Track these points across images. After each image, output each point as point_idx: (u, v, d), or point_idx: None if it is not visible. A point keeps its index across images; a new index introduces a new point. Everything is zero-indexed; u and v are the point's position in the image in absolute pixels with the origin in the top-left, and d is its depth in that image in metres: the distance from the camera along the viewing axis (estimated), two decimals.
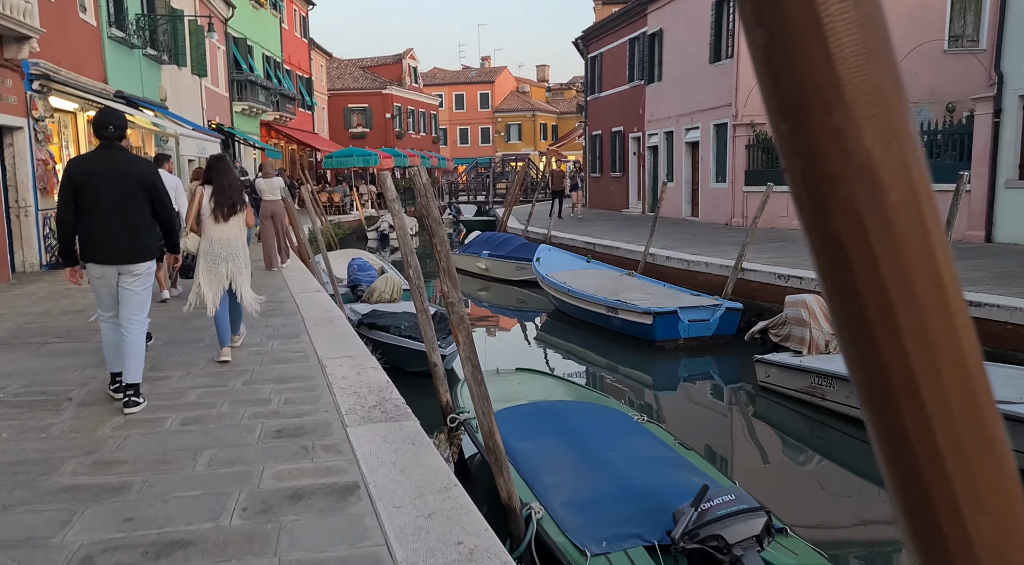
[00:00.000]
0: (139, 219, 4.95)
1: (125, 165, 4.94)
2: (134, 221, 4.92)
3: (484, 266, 18.24)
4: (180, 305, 8.49)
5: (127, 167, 4.93)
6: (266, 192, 12.55)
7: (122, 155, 5.02)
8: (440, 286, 4.10)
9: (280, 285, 10.70)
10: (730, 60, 19.27)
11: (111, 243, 4.86)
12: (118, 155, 4.98)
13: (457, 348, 4.20)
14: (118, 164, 4.91)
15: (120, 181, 4.87)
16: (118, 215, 4.86)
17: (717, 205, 20.07)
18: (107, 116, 5.06)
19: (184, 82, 21.83)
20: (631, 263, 14.46)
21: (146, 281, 5.07)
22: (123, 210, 4.87)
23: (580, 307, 12.16)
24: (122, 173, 4.89)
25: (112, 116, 5.09)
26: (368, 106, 46.28)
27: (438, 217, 4.07)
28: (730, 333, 10.63)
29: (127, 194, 4.89)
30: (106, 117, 5.04)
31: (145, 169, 5.06)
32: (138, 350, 4.93)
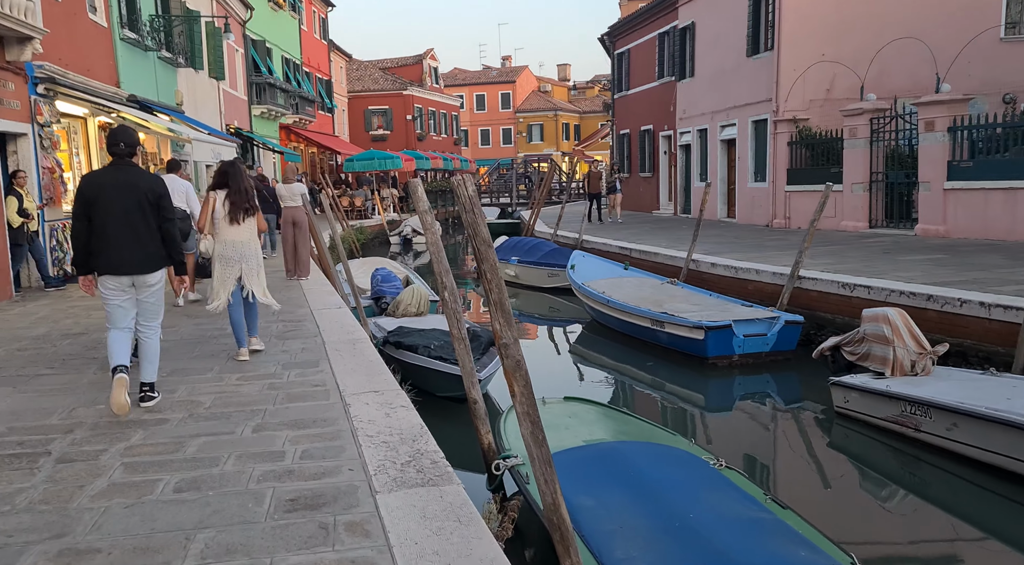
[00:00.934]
0: (147, 231, 5.17)
1: (133, 180, 5.17)
2: (143, 233, 5.15)
3: (513, 272, 17.40)
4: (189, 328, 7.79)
5: (134, 181, 5.16)
6: (287, 198, 11.81)
7: (131, 170, 5.24)
8: (492, 323, 3.24)
9: (299, 300, 9.92)
10: (770, 53, 18.28)
11: (122, 254, 5.09)
12: (127, 170, 5.21)
13: (512, 399, 3.35)
14: (126, 179, 5.15)
15: (128, 195, 5.11)
16: (127, 228, 5.10)
17: (756, 206, 19.07)
18: (118, 133, 5.30)
19: (201, 86, 21.20)
20: (671, 270, 13.55)
21: (158, 290, 5.35)
22: (132, 223, 5.11)
23: (621, 319, 11.27)
24: (130, 187, 5.12)
25: (122, 133, 5.32)
26: (389, 108, 45.65)
27: (488, 238, 3.23)
28: (790, 349, 9.69)
29: (134, 208, 5.12)
30: (117, 134, 5.29)
31: (151, 183, 5.28)
32: (154, 354, 5.33)
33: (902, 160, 15.09)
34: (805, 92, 17.63)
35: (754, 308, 10.41)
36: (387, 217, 30.89)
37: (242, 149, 24.72)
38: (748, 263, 11.84)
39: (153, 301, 5.31)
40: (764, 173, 18.75)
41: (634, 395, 9.75)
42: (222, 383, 5.83)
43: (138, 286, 5.19)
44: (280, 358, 6.64)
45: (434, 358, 8.32)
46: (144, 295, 5.24)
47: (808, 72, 17.49)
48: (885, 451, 6.72)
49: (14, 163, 11.31)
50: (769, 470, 6.94)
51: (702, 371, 9.60)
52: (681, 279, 12.73)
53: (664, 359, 10.26)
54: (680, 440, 5.64)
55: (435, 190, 38.80)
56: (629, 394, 9.84)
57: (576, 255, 14.42)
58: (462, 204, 3.24)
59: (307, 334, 7.67)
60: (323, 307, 9.31)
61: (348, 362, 6.40)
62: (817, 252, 12.79)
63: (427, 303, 11.91)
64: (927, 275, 9.79)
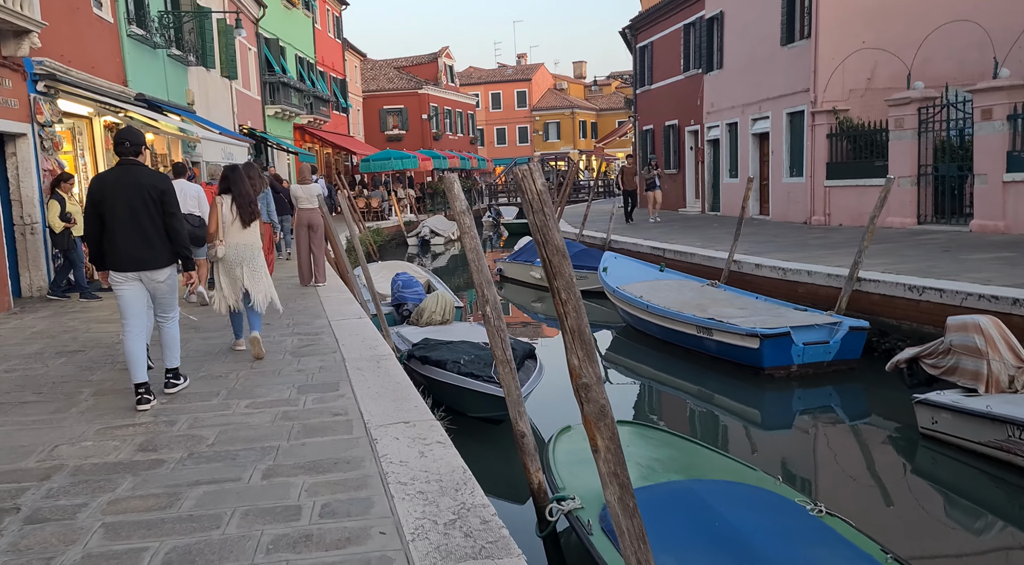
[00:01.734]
0: (153, 229, 5.29)
1: (137, 178, 5.28)
2: (149, 231, 5.27)
3: (539, 275, 16.58)
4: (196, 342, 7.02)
5: (138, 180, 5.28)
6: (303, 199, 11.08)
7: (136, 169, 5.35)
8: (568, 357, 2.45)
9: (316, 309, 9.17)
10: (806, 41, 17.37)
11: (130, 252, 5.23)
12: (132, 169, 5.33)
13: (595, 456, 2.55)
14: (131, 178, 5.27)
15: (133, 194, 5.22)
16: (134, 226, 5.22)
17: (792, 202, 18.15)
18: (123, 134, 5.44)
19: (213, 85, 20.55)
20: (709, 272, 12.70)
21: (170, 283, 5.46)
22: (138, 221, 5.23)
23: (662, 326, 10.45)
24: (134, 186, 5.24)
25: (128, 133, 5.46)
26: (404, 107, 44.96)
27: (561, 246, 2.45)
28: (853, 357, 8.83)
29: (140, 206, 5.22)
30: (122, 135, 5.43)
31: (155, 180, 5.39)
32: (173, 340, 5.57)
33: (953, 152, 14.16)
34: (844, 81, 16.71)
35: (810, 312, 9.56)
36: (404, 218, 30.17)
37: (255, 150, 24.08)
38: (797, 264, 10.97)
39: (165, 294, 5.46)
40: (801, 167, 17.84)
41: (681, 411, 8.93)
42: (229, 411, 5.08)
43: (146, 282, 5.34)
44: (295, 379, 5.88)
45: (464, 375, 7.53)
46: (155, 290, 5.40)
47: (848, 60, 16.58)
48: (986, 482, 5.87)
49: (13, 165, 10.64)
50: (828, 487, 6.12)
51: (757, 383, 8.76)
52: (722, 281, 11.88)
53: (712, 369, 9.43)
54: (764, 478, 4.82)
55: None
56: (676, 410, 9.03)
57: (608, 257, 13.60)
58: (528, 202, 2.45)
59: (325, 349, 6.91)
60: (342, 317, 8.55)
61: (372, 384, 5.63)
62: (869, 251, 11.88)
63: (452, 310, 11.14)
64: (1002, 276, 8.90)
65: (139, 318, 5.33)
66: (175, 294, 5.56)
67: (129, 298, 5.28)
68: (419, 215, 32.50)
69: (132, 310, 5.31)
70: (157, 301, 5.45)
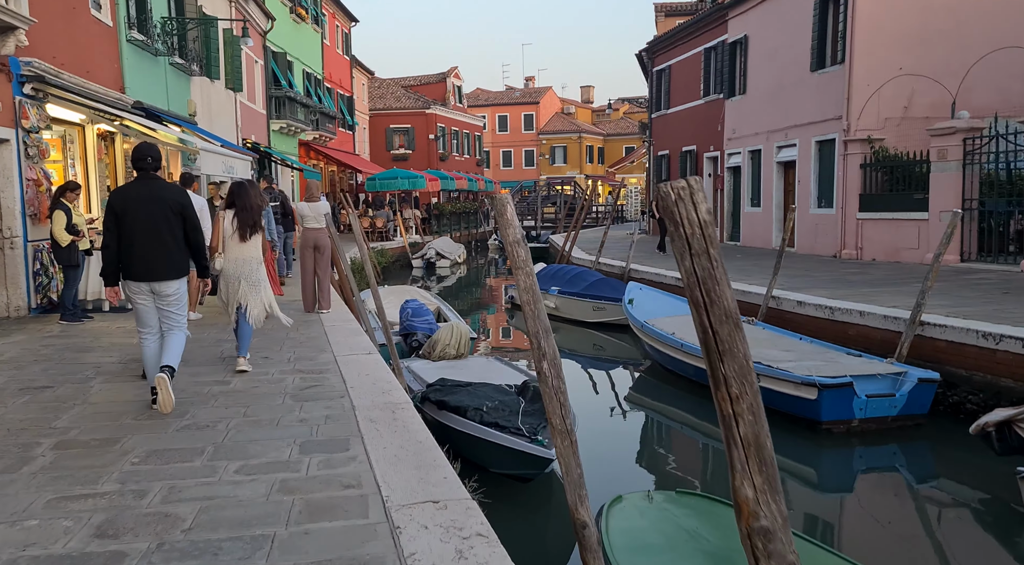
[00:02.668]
0: (171, 241, 5.46)
1: (158, 192, 5.44)
2: (167, 243, 5.43)
3: (553, 304, 15.68)
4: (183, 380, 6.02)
5: (160, 194, 5.44)
6: (309, 218, 10.19)
7: (156, 183, 5.51)
8: (733, 483, 1.50)
9: (319, 341, 8.23)
10: (839, 66, 16.60)
11: (146, 262, 5.39)
12: (152, 184, 5.48)
13: None
14: (152, 192, 5.42)
15: (154, 207, 5.38)
16: (153, 238, 5.38)
17: (821, 234, 17.28)
18: (146, 149, 5.54)
19: (217, 97, 19.76)
20: (742, 308, 11.78)
21: (180, 297, 5.61)
22: (157, 233, 5.38)
23: (697, 367, 9.52)
24: (155, 200, 5.40)
25: (150, 149, 5.56)
26: (411, 126, 44.28)
27: (735, 313, 1.52)
28: (921, 412, 7.89)
29: (160, 219, 5.39)
30: (145, 150, 5.52)
31: (176, 195, 5.58)
32: (178, 345, 5.57)
33: (1001, 186, 13.31)
34: (880, 109, 15.92)
35: (867, 359, 8.63)
36: (409, 239, 29.31)
37: (259, 165, 23.27)
38: (847, 303, 10.04)
39: (174, 310, 5.59)
40: (831, 198, 16.99)
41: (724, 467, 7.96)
42: (215, 478, 4.13)
43: (157, 293, 5.48)
44: (296, 432, 4.93)
45: (488, 425, 6.58)
46: (164, 304, 5.53)
47: (883, 88, 15.80)
48: None
49: None
50: None
51: (812, 438, 7.81)
52: (759, 319, 10.97)
53: None
54: None
55: (459, 212, 37.29)
56: (719, 465, 8.05)
57: (633, 288, 12.69)
58: (684, 238, 1.54)
59: (331, 393, 5.97)
60: (349, 352, 7.61)
61: (389, 442, 4.68)
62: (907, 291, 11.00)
63: (467, 343, 10.22)
64: None
65: (153, 326, 5.59)
66: (183, 308, 5.68)
67: (144, 308, 5.53)
68: (424, 236, 31.64)
69: (148, 320, 5.56)
70: (164, 317, 5.57)
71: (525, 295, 3.57)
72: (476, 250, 37.43)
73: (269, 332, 8.74)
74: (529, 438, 6.34)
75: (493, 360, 9.90)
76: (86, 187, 12.45)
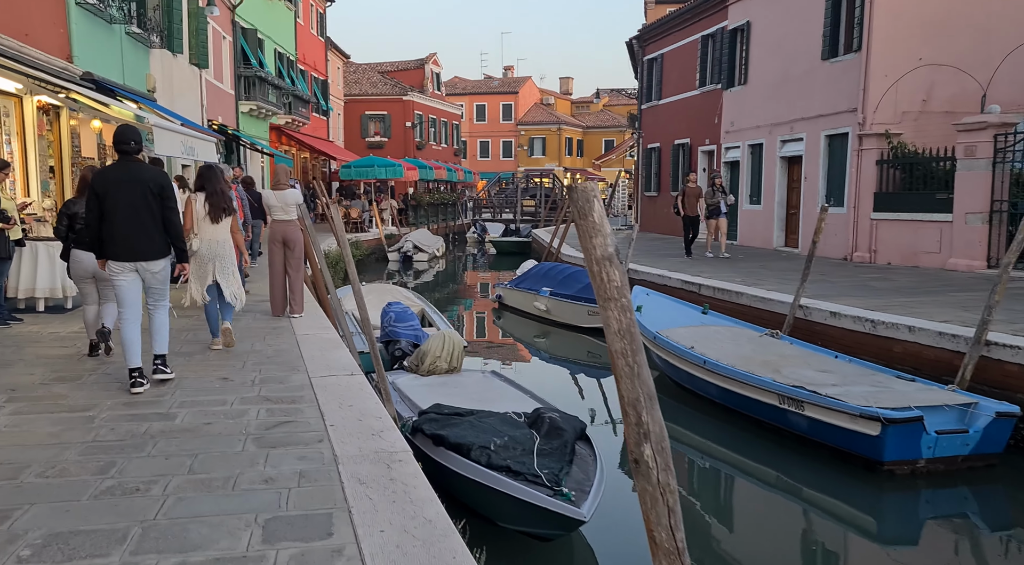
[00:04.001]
0: (152, 222, 5.59)
1: (138, 174, 5.61)
2: (147, 224, 5.58)
3: (544, 306, 14.47)
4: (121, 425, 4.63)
5: (140, 176, 5.60)
6: (276, 208, 8.86)
7: (136, 165, 5.68)
8: None
9: (291, 355, 6.91)
10: (854, 55, 15.51)
11: (129, 243, 5.54)
12: (132, 166, 5.65)
13: None
14: (132, 173, 5.59)
15: (134, 189, 5.54)
16: (134, 219, 5.53)
17: (830, 234, 16.15)
18: (129, 133, 5.69)
19: (180, 73, 18.21)
20: (763, 318, 10.67)
21: (163, 275, 5.77)
22: (137, 214, 5.55)
23: (723, 388, 8.35)
24: (135, 181, 5.55)
25: (132, 132, 5.73)
26: (387, 113, 42.72)
27: None
28: (996, 451, 6.78)
29: (140, 200, 5.55)
30: (128, 134, 5.68)
31: (156, 176, 5.72)
32: (162, 325, 5.80)
33: None
34: (897, 102, 14.88)
35: (921, 384, 7.50)
36: (385, 231, 27.90)
37: (226, 148, 21.72)
38: (892, 316, 8.90)
39: (157, 285, 5.75)
40: (841, 197, 15.93)
41: (759, 506, 6.78)
42: None
43: (142, 271, 5.63)
44: (260, 501, 3.65)
45: (498, 469, 5.33)
46: (150, 280, 5.70)
47: (901, 79, 14.73)
48: None
49: None
50: None
51: (872, 481, 6.65)
52: (785, 331, 9.82)
53: (799, 454, 7.33)
54: None
55: (437, 203, 35.90)
56: (752, 505, 6.88)
57: (639, 293, 11.48)
58: None
59: (306, 435, 4.67)
60: (326, 371, 6.31)
61: (388, 521, 3.42)
62: (946, 301, 9.95)
63: (461, 356, 8.95)
64: None
65: (135, 307, 5.67)
66: (167, 285, 5.84)
67: (126, 288, 5.61)
68: (401, 228, 30.24)
69: (128, 299, 5.64)
70: (150, 290, 5.75)
71: (619, 342, 2.30)
72: (454, 243, 36.08)
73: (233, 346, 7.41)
74: (550, 488, 5.11)
75: (491, 377, 8.64)
76: (24, 167, 10.96)
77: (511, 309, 15.97)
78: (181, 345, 7.32)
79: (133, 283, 5.62)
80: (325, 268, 9.38)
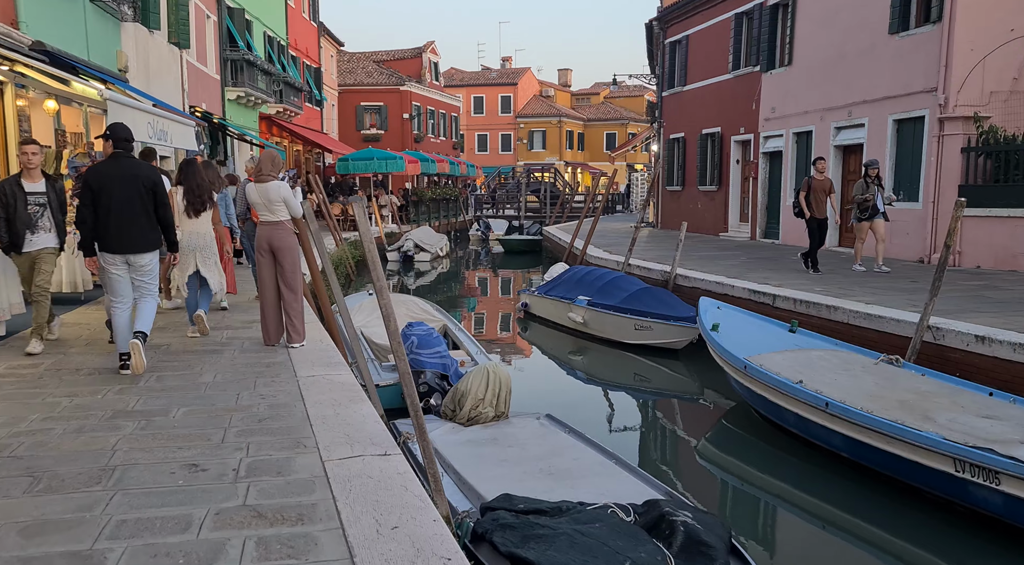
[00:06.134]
0: (143, 216, 5.87)
1: (132, 170, 5.89)
2: (139, 218, 5.85)
3: (581, 318, 12.44)
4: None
5: (134, 172, 5.88)
6: (259, 206, 6.85)
7: (130, 162, 5.99)
8: None
9: (294, 419, 4.85)
10: (931, 27, 13.53)
11: (120, 236, 5.80)
12: (125, 162, 5.91)
13: None
14: (126, 170, 5.86)
15: (127, 184, 5.81)
16: (126, 213, 5.78)
17: (900, 233, 14.22)
18: (121, 131, 6.05)
19: (158, 52, 16.10)
20: (864, 337, 8.69)
21: (152, 270, 6.04)
22: (130, 209, 5.80)
23: (856, 440, 6.36)
24: (129, 177, 5.83)
25: (125, 131, 6.10)
26: (384, 104, 40.58)
27: None
28: None
29: (133, 195, 5.82)
30: (119, 131, 6.05)
31: (149, 173, 6.02)
32: (150, 312, 6.03)
33: None
34: (984, 81, 12.90)
35: None
36: (385, 229, 25.83)
37: (211, 138, 19.60)
38: None
39: (147, 279, 6.04)
40: (915, 190, 13.97)
41: None
42: None
43: (131, 265, 5.92)
44: None
45: None
46: (137, 274, 5.97)
47: (990, 55, 12.76)
48: None
49: None
50: None
51: None
52: (909, 358, 7.84)
53: (988, 540, 5.34)
54: None
55: (439, 198, 33.81)
56: None
57: (708, 306, 9.48)
58: None
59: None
60: (347, 450, 4.27)
61: None
62: None
63: (509, 395, 6.93)
64: None
65: (126, 296, 5.97)
66: (155, 279, 6.11)
67: (119, 278, 5.91)
68: (402, 226, 28.17)
69: (120, 289, 5.95)
70: (137, 284, 5.99)
71: None
72: (455, 241, 34.03)
73: (208, 394, 5.38)
74: None
75: (551, 426, 6.61)
76: None
77: (539, 319, 13.95)
78: (141, 400, 5.28)
79: (125, 274, 5.91)
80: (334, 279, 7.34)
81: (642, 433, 8.70)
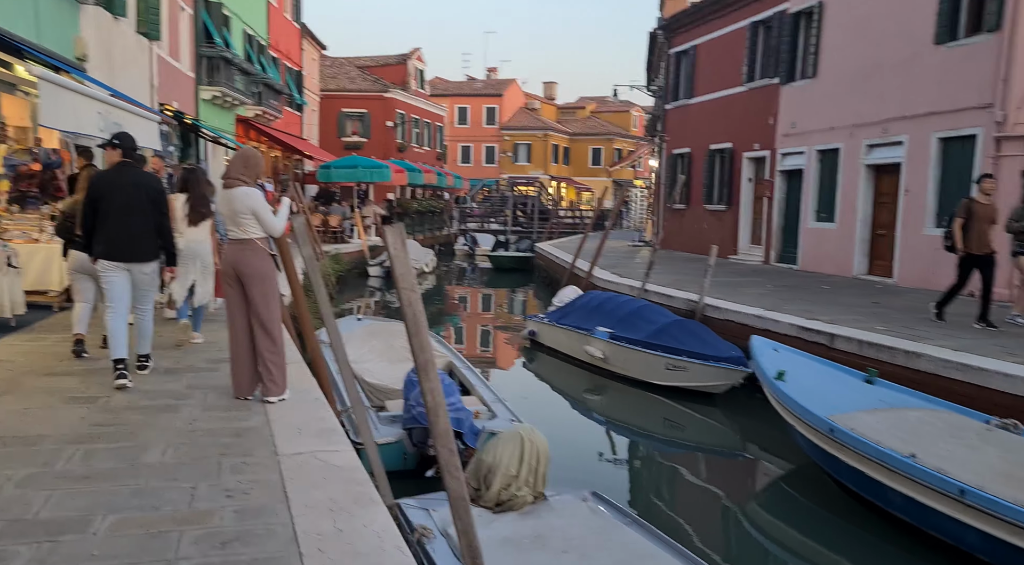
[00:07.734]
0: (144, 225, 5.73)
1: (136, 179, 5.79)
2: (141, 227, 5.71)
3: (600, 353, 10.93)
4: None
5: (137, 181, 5.79)
6: (227, 219, 5.32)
7: (133, 170, 5.89)
8: None
9: (278, 539, 3.25)
10: (987, 36, 12.28)
11: (121, 245, 5.68)
12: (130, 171, 5.84)
13: None
14: (129, 179, 5.75)
15: (132, 193, 5.70)
16: (128, 222, 5.67)
17: (944, 262, 12.88)
18: (127, 140, 5.93)
19: (123, 42, 14.44)
20: (951, 390, 7.28)
21: (152, 278, 5.93)
22: (133, 217, 5.68)
23: (996, 538, 4.91)
24: (134, 186, 5.73)
25: (130, 139, 5.97)
26: (367, 111, 38.94)
27: None
28: None
29: (136, 204, 5.69)
30: (125, 140, 5.92)
31: (153, 183, 5.97)
32: (147, 330, 6.05)
33: None
34: None
35: None
36: (369, 242, 24.22)
37: (183, 140, 17.93)
38: None
39: (146, 287, 5.90)
40: None
41: None
42: None
43: (132, 273, 5.76)
44: None
45: None
46: (139, 281, 5.82)
47: None
48: None
49: None
50: None
51: None
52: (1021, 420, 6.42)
53: None
54: None
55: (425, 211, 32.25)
56: None
57: (764, 348, 8.02)
58: None
59: None
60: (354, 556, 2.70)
61: None
62: None
63: (545, 471, 5.39)
64: None
65: (122, 302, 5.76)
66: (154, 287, 6.06)
67: (116, 284, 5.71)
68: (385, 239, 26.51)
69: (117, 295, 5.74)
70: (137, 292, 5.84)
71: None
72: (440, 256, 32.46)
73: (151, 486, 3.77)
74: None
75: (601, 510, 5.09)
76: None
77: (548, 350, 12.44)
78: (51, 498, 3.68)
79: (122, 282, 5.72)
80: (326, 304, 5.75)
81: (691, 502, 7.19)
